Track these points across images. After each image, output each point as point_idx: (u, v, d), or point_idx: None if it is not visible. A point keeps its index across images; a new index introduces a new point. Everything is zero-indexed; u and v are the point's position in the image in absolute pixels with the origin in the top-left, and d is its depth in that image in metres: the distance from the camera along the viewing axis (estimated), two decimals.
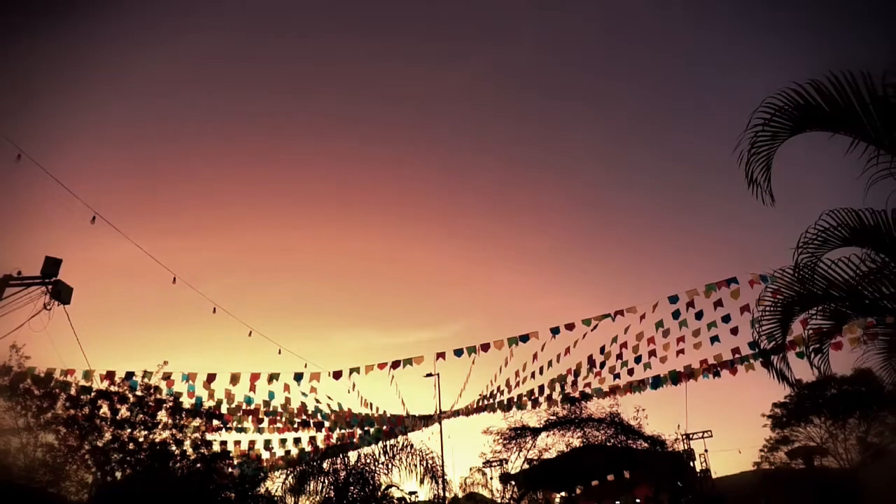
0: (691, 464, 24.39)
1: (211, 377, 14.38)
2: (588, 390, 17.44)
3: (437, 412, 19.03)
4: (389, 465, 17.40)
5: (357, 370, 13.75)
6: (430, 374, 19.18)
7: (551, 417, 17.51)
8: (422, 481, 24.46)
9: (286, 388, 15.15)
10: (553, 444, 19.17)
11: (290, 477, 25.97)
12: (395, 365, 13.71)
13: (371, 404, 15.88)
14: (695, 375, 16.89)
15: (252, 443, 19.31)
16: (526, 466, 23.63)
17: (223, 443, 19.14)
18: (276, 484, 27.68)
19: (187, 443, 17.86)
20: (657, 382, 17.02)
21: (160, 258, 19.00)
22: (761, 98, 5.04)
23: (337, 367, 14.40)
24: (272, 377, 14.31)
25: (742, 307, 14.45)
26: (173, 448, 18.29)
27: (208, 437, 19.11)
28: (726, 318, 14.69)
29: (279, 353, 14.00)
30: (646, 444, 18.48)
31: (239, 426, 17.96)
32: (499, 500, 27.07)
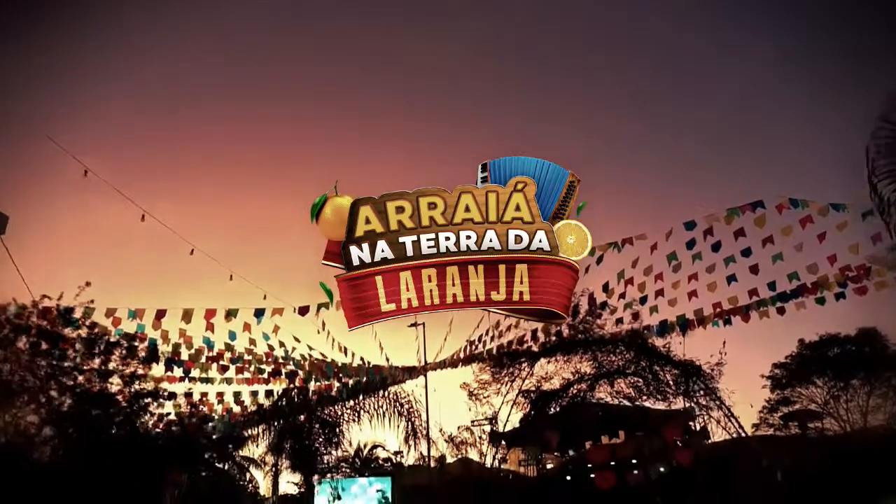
0: (692, 424, 22.60)
1: (160, 313, 12.33)
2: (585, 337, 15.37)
3: (423, 363, 17.07)
4: (372, 421, 15.51)
5: (326, 305, 11.68)
6: (414, 324, 17.17)
7: (551, 339, 13.27)
8: (406, 440, 22.69)
9: (246, 327, 13.10)
10: (556, 372, 15.33)
11: (272, 435, 24.15)
12: None
13: (346, 349, 13.91)
14: (705, 322, 14.91)
15: (220, 395, 17.36)
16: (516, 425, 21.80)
17: (188, 394, 17.21)
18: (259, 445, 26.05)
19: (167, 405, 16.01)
20: (663, 329, 14.93)
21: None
22: None
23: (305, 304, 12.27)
24: (229, 313, 12.24)
25: (765, 239, 12.45)
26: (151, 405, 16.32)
27: (172, 389, 17.15)
28: (746, 252, 12.67)
29: (230, 279, 11.96)
30: (675, 372, 14.70)
31: (204, 376, 15.97)
32: (490, 464, 25.28)
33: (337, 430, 14.99)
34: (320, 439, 19.08)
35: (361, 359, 14.34)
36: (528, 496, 24.38)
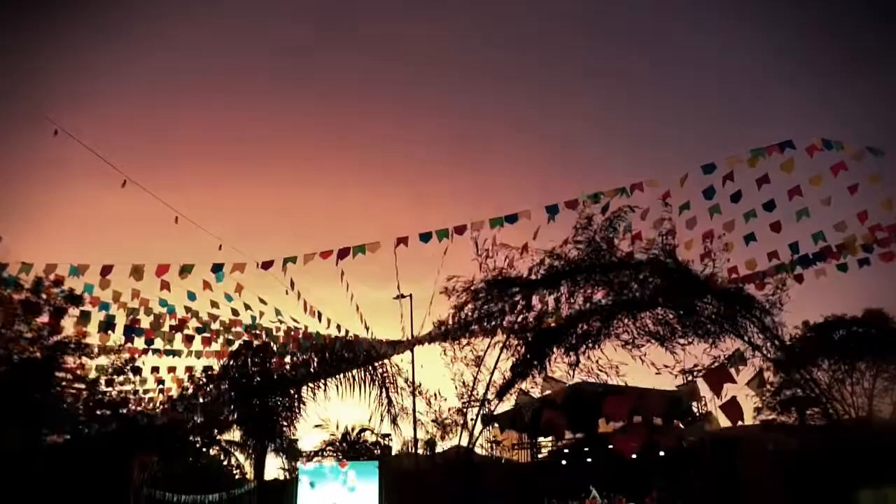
0: (693, 406, 21.15)
1: (106, 269, 10.67)
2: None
3: (410, 337, 15.47)
4: (339, 389, 13.70)
5: (293, 259, 10.06)
6: (400, 296, 15.56)
7: (554, 265, 9.89)
8: (395, 420, 21.14)
9: (205, 286, 11.46)
10: (562, 306, 10.76)
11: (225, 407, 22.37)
12: (343, 253, 10.02)
13: (320, 314, 12.25)
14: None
15: (189, 369, 15.78)
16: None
17: (154, 369, 15.65)
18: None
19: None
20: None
21: None
22: None
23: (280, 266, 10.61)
24: (184, 269, 10.59)
25: (791, 190, 10.86)
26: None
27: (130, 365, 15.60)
28: (769, 206, 11.07)
29: (175, 221, 10.28)
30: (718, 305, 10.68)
31: (169, 348, 14.35)
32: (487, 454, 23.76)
33: (297, 400, 13.35)
34: (282, 412, 17.33)
35: (338, 326, 12.74)
36: (522, 481, 23.01)
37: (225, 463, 27.31)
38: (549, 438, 25.43)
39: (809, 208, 11.28)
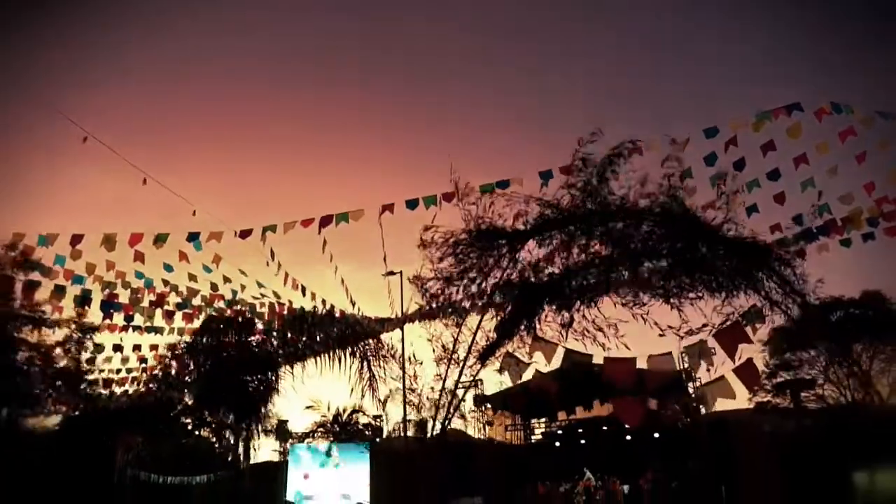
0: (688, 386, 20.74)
1: (76, 238, 10.06)
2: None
3: (401, 313, 14.87)
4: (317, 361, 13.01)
5: (272, 228, 9.48)
6: (389, 273, 14.96)
7: (545, 213, 8.53)
8: (381, 400, 20.63)
9: (182, 257, 10.87)
10: (555, 260, 9.14)
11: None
12: (325, 221, 9.45)
13: (304, 288, 11.67)
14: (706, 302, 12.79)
15: (172, 347, 15.21)
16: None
17: (136, 347, 15.07)
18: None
19: None
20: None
21: None
22: None
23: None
24: (158, 238, 10.00)
25: (797, 157, 10.30)
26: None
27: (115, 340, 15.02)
28: (773, 175, 10.53)
29: (143, 183, 9.67)
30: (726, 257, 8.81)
31: (149, 325, 13.76)
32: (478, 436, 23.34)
33: (271, 374, 12.79)
34: (260, 390, 16.64)
35: (323, 301, 12.18)
36: (514, 463, 22.63)
37: (217, 445, 26.93)
38: (543, 420, 25.06)
39: (816, 179, 10.74)
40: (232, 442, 23.65)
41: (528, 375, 9.84)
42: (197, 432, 26.46)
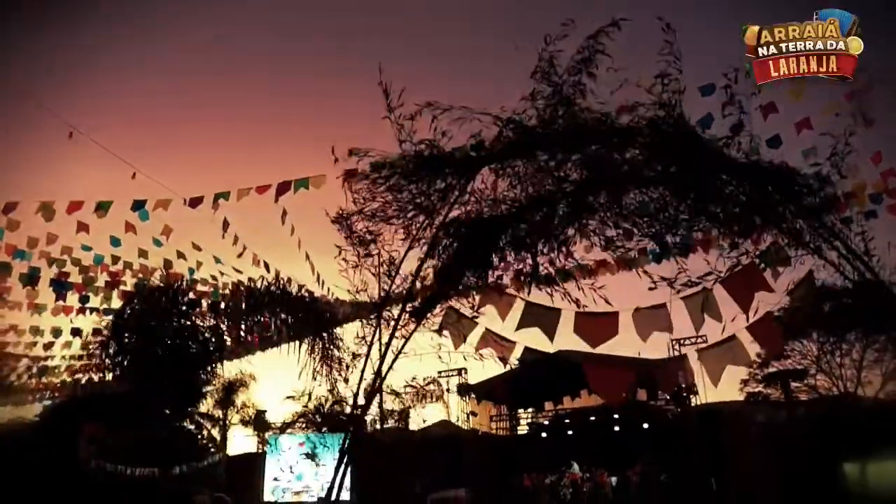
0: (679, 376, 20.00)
1: (9, 206, 9.06)
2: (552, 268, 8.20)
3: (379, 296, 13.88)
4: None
5: (225, 195, 8.53)
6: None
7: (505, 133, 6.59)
8: (316, 371, 19.71)
9: (129, 228, 9.88)
10: (515, 189, 6.89)
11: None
12: (283, 188, 8.50)
13: (266, 264, 10.68)
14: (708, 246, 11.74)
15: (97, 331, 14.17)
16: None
17: (97, 332, 14.05)
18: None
19: None
20: (662, 252, 11.33)
21: None
22: None
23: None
24: (100, 206, 9.03)
25: (800, 122, 9.40)
26: None
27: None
28: (773, 142, 9.63)
29: (69, 136, 8.66)
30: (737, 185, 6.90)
31: (107, 307, 12.76)
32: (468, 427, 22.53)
33: (211, 348, 11.76)
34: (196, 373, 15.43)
35: (288, 278, 11.13)
36: (500, 454, 21.91)
37: (199, 436, 26.11)
38: (529, 410, 24.30)
39: (818, 150, 9.85)
40: (205, 433, 22.82)
41: (476, 335, 7.96)
42: (175, 421, 25.63)
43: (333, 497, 7.49)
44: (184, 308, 11.30)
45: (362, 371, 7.92)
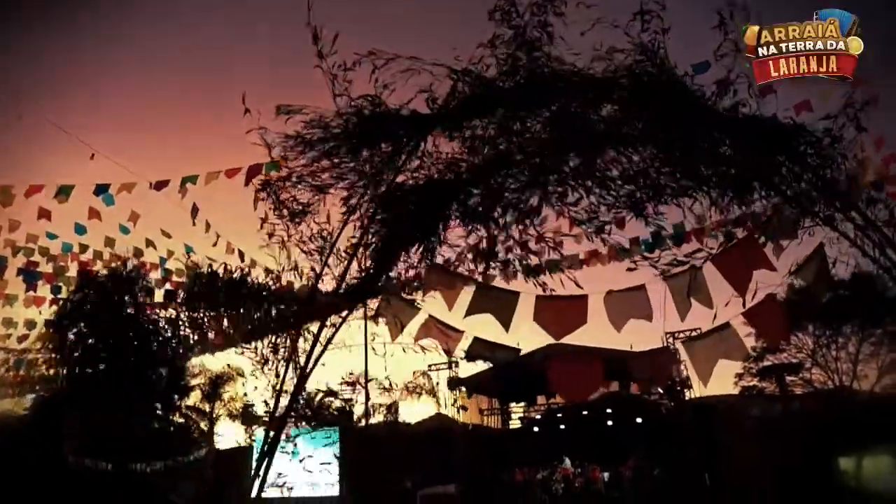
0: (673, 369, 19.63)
1: None
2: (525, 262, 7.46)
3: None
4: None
5: (193, 179, 8.05)
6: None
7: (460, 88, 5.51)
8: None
9: (93, 214, 9.38)
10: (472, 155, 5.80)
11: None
12: (254, 171, 8.03)
13: (241, 253, 10.18)
14: (703, 234, 11.16)
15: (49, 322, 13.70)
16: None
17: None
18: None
19: None
20: (656, 242, 10.66)
21: None
22: None
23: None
24: (61, 191, 8.54)
25: (800, 104, 8.90)
26: None
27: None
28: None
29: (19, 119, 8.19)
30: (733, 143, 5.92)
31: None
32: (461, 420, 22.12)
33: (171, 343, 11.30)
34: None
35: (267, 269, 10.63)
36: (491, 449, 21.53)
37: (190, 429, 25.73)
38: (521, 404, 23.89)
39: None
40: (189, 427, 22.41)
41: (417, 322, 6.88)
42: (164, 415, 25.24)
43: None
44: (134, 297, 10.83)
45: (286, 367, 6.92)
